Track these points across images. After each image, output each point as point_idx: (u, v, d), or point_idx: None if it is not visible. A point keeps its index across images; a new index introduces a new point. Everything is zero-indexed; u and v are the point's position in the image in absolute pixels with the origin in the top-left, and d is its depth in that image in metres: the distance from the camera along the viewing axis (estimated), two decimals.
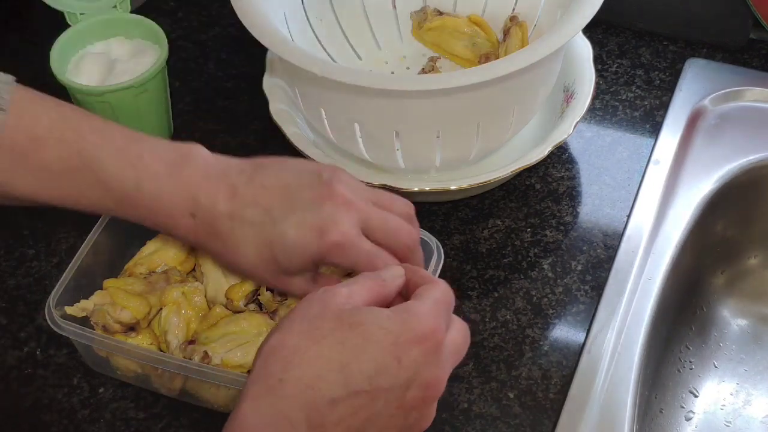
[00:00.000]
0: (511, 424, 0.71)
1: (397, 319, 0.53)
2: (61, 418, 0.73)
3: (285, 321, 0.53)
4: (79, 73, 0.86)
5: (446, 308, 0.55)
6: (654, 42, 0.99)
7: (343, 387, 0.50)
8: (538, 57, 0.72)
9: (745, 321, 0.93)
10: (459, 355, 0.56)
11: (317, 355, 0.51)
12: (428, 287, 0.56)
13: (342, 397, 0.50)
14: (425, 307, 0.54)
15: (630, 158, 0.88)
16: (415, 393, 0.52)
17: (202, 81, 0.99)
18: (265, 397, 0.50)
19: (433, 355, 0.53)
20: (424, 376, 0.52)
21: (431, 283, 0.57)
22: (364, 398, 0.51)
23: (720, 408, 0.87)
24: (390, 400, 0.52)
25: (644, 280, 0.79)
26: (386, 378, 0.51)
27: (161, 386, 0.73)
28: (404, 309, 0.54)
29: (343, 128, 0.79)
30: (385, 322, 0.52)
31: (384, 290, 0.56)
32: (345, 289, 0.54)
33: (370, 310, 0.53)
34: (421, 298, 0.55)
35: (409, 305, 0.54)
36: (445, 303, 0.56)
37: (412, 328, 0.52)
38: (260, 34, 0.75)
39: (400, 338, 0.52)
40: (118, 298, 0.72)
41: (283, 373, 0.50)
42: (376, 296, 0.55)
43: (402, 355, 0.51)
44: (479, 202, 0.86)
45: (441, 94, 0.73)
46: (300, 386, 0.50)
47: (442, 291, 0.56)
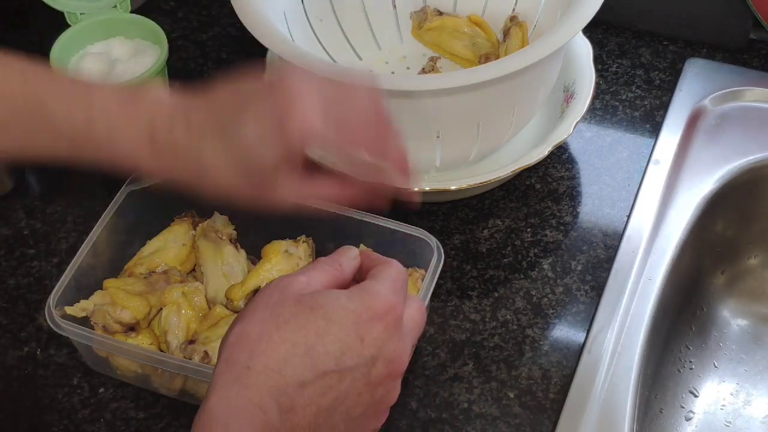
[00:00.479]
0: (511, 424, 0.71)
1: (357, 298, 0.53)
2: (61, 418, 0.73)
3: (246, 311, 0.54)
4: (79, 73, 0.86)
5: (402, 285, 0.56)
6: (654, 42, 0.99)
7: (311, 369, 0.51)
8: (538, 57, 0.72)
9: (745, 321, 0.93)
10: (418, 329, 0.57)
11: (281, 340, 0.51)
12: (382, 267, 0.57)
13: (310, 379, 0.51)
14: (382, 286, 0.55)
15: (630, 158, 0.88)
16: (380, 369, 0.53)
17: (202, 81, 0.98)
18: (232, 387, 0.51)
19: (394, 331, 0.54)
20: (388, 352, 0.53)
21: (385, 263, 0.57)
22: (331, 378, 0.51)
23: (720, 408, 0.87)
24: (357, 377, 0.52)
25: (644, 280, 0.79)
26: (351, 357, 0.52)
27: (161, 386, 0.73)
28: (362, 289, 0.54)
29: None
30: (345, 302, 0.53)
31: (341, 274, 0.57)
32: (303, 276, 0.55)
33: (329, 292, 0.54)
34: (377, 278, 0.56)
35: (366, 285, 0.55)
36: (401, 281, 0.56)
37: (371, 306, 0.53)
38: (260, 35, 0.75)
39: (361, 317, 0.52)
40: (118, 298, 0.72)
41: (249, 361, 0.51)
42: (334, 280, 0.56)
43: (364, 333, 0.52)
44: (479, 202, 0.86)
45: (441, 94, 0.73)
46: (267, 372, 0.51)
47: (397, 270, 0.57)
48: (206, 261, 0.77)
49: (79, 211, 0.87)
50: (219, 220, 0.79)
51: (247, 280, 0.75)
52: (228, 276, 0.76)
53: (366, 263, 0.58)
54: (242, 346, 0.52)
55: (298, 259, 0.76)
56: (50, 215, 0.87)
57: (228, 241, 0.77)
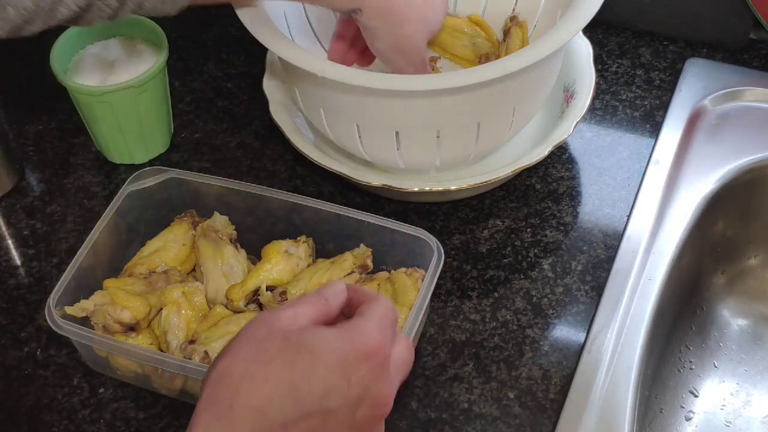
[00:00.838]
0: (511, 424, 0.71)
1: (344, 337, 0.52)
2: (61, 418, 0.73)
3: (231, 345, 0.52)
4: (79, 73, 0.86)
5: (390, 324, 0.55)
6: (654, 42, 0.99)
7: (294, 409, 0.50)
8: (538, 57, 0.72)
9: (745, 321, 0.93)
10: (405, 369, 0.55)
11: (266, 378, 0.50)
12: (371, 304, 0.55)
13: (293, 420, 0.50)
14: (370, 324, 0.53)
15: (630, 158, 0.88)
16: (364, 411, 0.52)
17: (202, 81, 0.99)
18: (215, 425, 0.50)
19: (380, 372, 0.52)
20: (373, 394, 0.52)
21: (373, 300, 0.56)
22: (315, 419, 0.50)
23: (720, 408, 0.87)
24: (340, 420, 0.51)
25: (644, 280, 0.79)
26: (336, 398, 0.51)
27: (161, 386, 0.73)
28: (350, 327, 0.53)
29: (343, 128, 0.79)
30: (332, 340, 0.52)
31: (327, 309, 0.55)
32: (290, 310, 0.54)
33: (317, 329, 0.53)
34: (366, 316, 0.54)
35: (354, 323, 0.53)
36: (389, 319, 0.55)
37: (358, 345, 0.52)
38: (260, 35, 0.75)
39: (347, 357, 0.51)
40: (118, 298, 0.72)
41: (232, 400, 0.50)
42: (321, 315, 0.55)
43: (351, 374, 0.51)
44: (479, 202, 0.86)
45: (441, 94, 0.73)
46: (251, 412, 0.50)
47: (386, 307, 0.55)
48: (206, 261, 0.77)
49: (79, 211, 0.87)
50: (219, 220, 0.79)
51: (247, 280, 0.75)
52: (228, 276, 0.76)
53: (354, 298, 0.57)
54: (225, 383, 0.51)
55: (298, 259, 0.76)
56: (50, 215, 0.87)
57: (228, 241, 0.77)
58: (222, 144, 0.92)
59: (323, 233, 0.77)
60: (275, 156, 0.91)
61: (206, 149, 0.92)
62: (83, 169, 0.91)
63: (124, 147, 0.89)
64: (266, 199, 0.77)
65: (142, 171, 0.79)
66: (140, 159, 0.90)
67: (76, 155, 0.92)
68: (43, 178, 0.90)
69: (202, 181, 0.79)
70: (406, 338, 0.56)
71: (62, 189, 0.89)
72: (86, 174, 0.91)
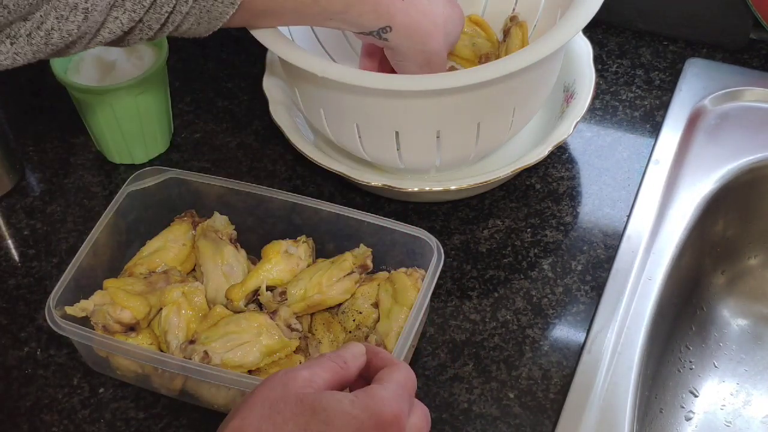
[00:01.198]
0: (511, 424, 0.71)
1: (360, 404, 0.51)
2: (61, 418, 0.73)
3: (245, 403, 0.52)
4: (79, 73, 0.86)
5: (409, 392, 0.54)
6: (654, 42, 0.99)
7: None
8: (538, 57, 0.72)
9: (745, 321, 0.93)
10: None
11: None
12: (390, 370, 0.55)
13: None
14: (388, 392, 0.53)
15: (630, 158, 0.88)
16: None
17: (202, 81, 0.99)
18: None
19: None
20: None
21: (393, 365, 0.55)
22: None
23: (720, 408, 0.87)
24: None
25: (644, 280, 0.79)
26: None
27: (161, 386, 0.73)
28: (367, 393, 0.52)
29: (343, 128, 0.79)
30: (348, 408, 0.51)
31: (345, 372, 0.55)
32: (306, 371, 0.53)
33: (332, 394, 0.52)
34: (384, 382, 0.54)
35: (372, 390, 0.53)
36: (408, 387, 0.54)
37: (375, 414, 0.51)
38: (260, 35, 0.75)
39: (363, 425, 0.51)
40: (118, 298, 0.72)
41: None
42: (338, 378, 0.54)
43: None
44: (479, 202, 0.86)
45: (441, 94, 0.73)
46: None
47: (405, 374, 0.55)
48: (206, 261, 0.77)
49: (79, 211, 0.87)
50: (219, 220, 0.79)
51: (247, 280, 0.75)
52: (228, 276, 0.76)
53: (374, 361, 0.56)
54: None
55: (298, 259, 0.76)
56: (50, 215, 0.87)
57: (228, 241, 0.77)
58: (222, 144, 0.92)
59: (323, 233, 0.77)
60: (275, 156, 0.91)
61: (206, 149, 0.92)
62: (83, 169, 0.91)
63: (124, 147, 0.89)
64: (266, 199, 0.77)
65: (142, 171, 0.79)
66: (140, 159, 0.90)
67: (76, 155, 0.92)
68: (43, 178, 0.90)
69: (202, 181, 0.79)
70: (422, 407, 0.55)
71: (62, 189, 0.89)
72: (86, 174, 0.91)
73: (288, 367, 0.55)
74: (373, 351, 0.57)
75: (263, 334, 0.70)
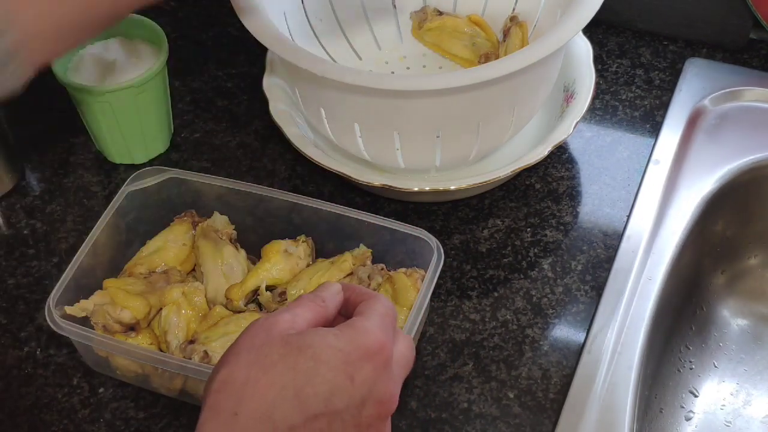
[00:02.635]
0: (511, 424, 0.71)
1: (345, 337, 0.52)
2: (61, 418, 0.73)
3: (230, 353, 0.52)
4: (79, 73, 0.86)
5: (391, 321, 0.55)
6: (654, 42, 0.99)
7: (300, 413, 0.50)
8: (538, 57, 0.72)
9: (745, 321, 0.93)
10: (407, 367, 0.55)
11: (269, 383, 0.50)
12: (370, 302, 0.55)
13: (300, 423, 0.50)
14: (371, 322, 0.53)
15: (630, 158, 0.88)
16: (370, 410, 0.52)
17: (202, 81, 0.99)
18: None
19: (384, 370, 0.52)
20: (378, 392, 0.52)
21: (371, 298, 0.56)
22: (321, 421, 0.50)
23: (720, 408, 0.87)
24: (346, 419, 0.51)
25: (644, 280, 0.79)
26: (341, 398, 0.50)
27: (161, 386, 0.73)
28: (350, 326, 0.53)
29: (344, 128, 0.79)
30: (333, 342, 0.51)
31: (325, 310, 0.55)
32: (287, 314, 0.53)
33: (316, 331, 0.52)
34: (365, 314, 0.54)
35: (354, 322, 0.53)
36: (389, 316, 0.55)
37: (360, 344, 0.52)
38: (261, 34, 0.75)
39: (350, 356, 0.51)
40: (118, 298, 0.72)
41: (237, 407, 0.49)
42: (319, 317, 0.54)
43: (354, 373, 0.51)
44: (479, 202, 0.86)
45: (442, 94, 0.73)
46: (256, 418, 0.49)
47: (384, 305, 0.55)
48: (206, 261, 0.77)
49: (79, 211, 0.87)
50: (219, 220, 0.79)
51: (247, 280, 0.75)
52: (228, 276, 0.76)
53: (352, 298, 0.57)
54: (228, 392, 0.50)
55: (298, 259, 0.76)
56: (50, 215, 0.87)
57: (228, 241, 0.77)
58: (222, 144, 0.92)
59: (323, 233, 0.77)
60: (275, 156, 0.91)
61: (206, 149, 0.92)
62: (83, 169, 0.91)
63: (124, 147, 0.89)
64: (266, 198, 0.77)
65: (142, 171, 0.79)
66: (140, 159, 0.90)
67: (76, 155, 0.92)
68: (43, 178, 0.90)
69: (202, 181, 0.79)
70: (407, 336, 0.56)
71: (62, 189, 0.89)
72: (86, 174, 0.91)
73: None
74: (349, 288, 0.57)
75: None
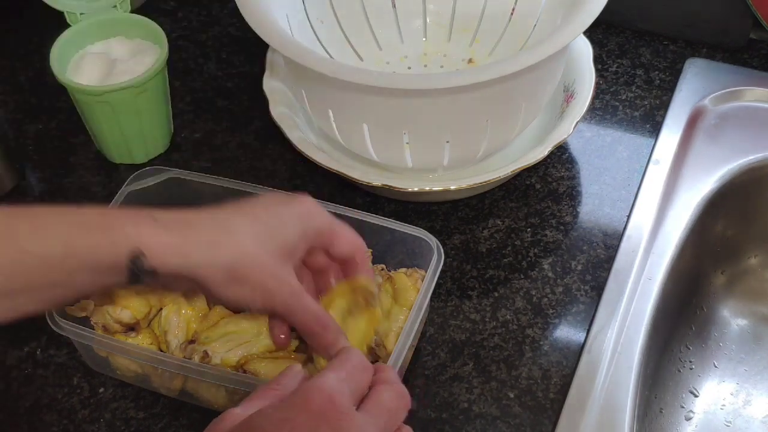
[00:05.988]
0: (511, 424, 0.71)
1: (289, 404, 0.51)
2: (61, 418, 0.73)
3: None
4: (79, 73, 0.86)
5: (357, 372, 0.54)
6: (654, 42, 0.99)
7: None
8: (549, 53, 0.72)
9: (745, 321, 0.93)
10: (392, 414, 0.53)
11: None
12: (338, 355, 0.55)
13: None
14: (322, 378, 0.52)
15: (630, 158, 0.88)
16: None
17: (202, 81, 0.99)
18: None
19: (340, 422, 0.50)
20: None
21: (341, 352, 0.56)
22: None
23: (720, 408, 0.87)
24: None
25: (644, 280, 0.79)
26: None
27: (161, 386, 0.73)
28: (297, 390, 0.52)
29: (352, 129, 0.79)
30: (276, 414, 0.50)
31: (282, 393, 0.53)
32: (237, 408, 0.52)
33: (259, 412, 0.51)
34: (323, 370, 0.53)
35: (303, 383, 0.53)
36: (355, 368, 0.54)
37: (305, 407, 0.50)
38: (268, 36, 0.75)
39: (296, 422, 0.49)
40: (118, 298, 0.72)
41: None
42: (275, 401, 0.53)
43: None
44: (479, 202, 0.86)
45: (454, 92, 0.73)
46: None
47: (350, 358, 0.55)
48: None
49: None
50: None
51: None
52: None
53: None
54: None
55: None
56: None
57: None
58: (222, 144, 0.92)
59: None
60: (275, 156, 0.91)
61: (206, 149, 0.92)
62: (83, 169, 0.91)
63: (124, 147, 0.89)
64: None
65: (142, 171, 0.79)
66: (140, 159, 0.90)
67: (76, 155, 0.92)
68: (43, 178, 0.90)
69: (202, 181, 0.79)
70: (391, 385, 0.54)
71: (62, 189, 0.89)
72: (86, 174, 0.91)
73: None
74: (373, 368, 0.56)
75: (263, 334, 0.70)
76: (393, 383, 0.55)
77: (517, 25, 0.92)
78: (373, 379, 0.55)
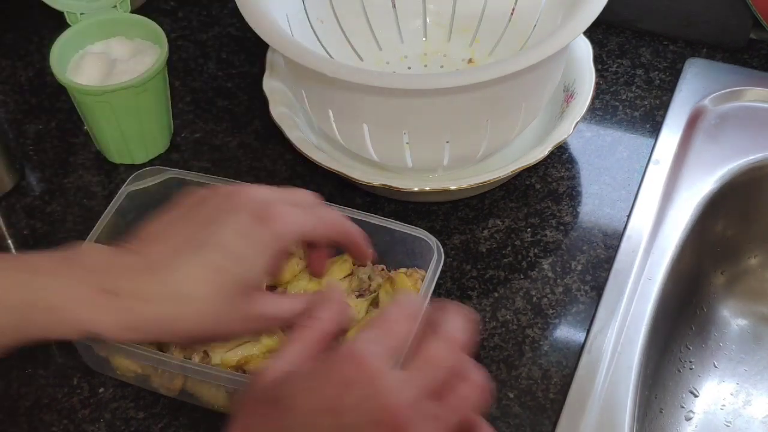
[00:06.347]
0: (511, 424, 0.71)
1: (319, 373, 0.50)
2: (61, 418, 0.73)
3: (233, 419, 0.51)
4: (79, 73, 0.86)
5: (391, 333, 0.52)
6: (654, 42, 0.99)
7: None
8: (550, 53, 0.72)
9: (745, 321, 0.93)
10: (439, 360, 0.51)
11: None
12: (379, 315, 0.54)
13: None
14: (355, 344, 0.50)
15: (630, 158, 0.88)
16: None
17: (202, 81, 0.99)
18: None
19: (372, 387, 0.48)
20: (371, 413, 0.47)
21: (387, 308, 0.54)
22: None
23: (720, 408, 0.87)
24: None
25: (644, 280, 0.79)
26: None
27: (161, 386, 0.73)
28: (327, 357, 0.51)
29: (352, 129, 0.79)
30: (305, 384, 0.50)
31: (321, 329, 0.54)
32: (270, 362, 0.52)
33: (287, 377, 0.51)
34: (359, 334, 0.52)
35: (335, 350, 0.51)
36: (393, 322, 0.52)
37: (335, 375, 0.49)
38: (268, 36, 0.75)
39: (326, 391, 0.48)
40: None
41: None
42: (312, 343, 0.53)
43: (337, 407, 0.48)
44: (479, 202, 0.86)
45: (455, 92, 0.73)
46: None
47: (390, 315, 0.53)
48: None
49: (79, 212, 0.87)
50: None
51: None
52: None
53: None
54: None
55: (298, 259, 0.76)
56: (50, 215, 0.87)
57: None
58: (222, 144, 0.92)
59: None
60: (275, 156, 0.91)
61: (206, 149, 0.92)
62: (83, 169, 0.91)
63: (124, 147, 0.89)
64: None
65: (142, 171, 0.79)
66: (140, 159, 0.90)
67: (76, 155, 0.92)
68: (43, 178, 0.90)
69: (202, 181, 0.79)
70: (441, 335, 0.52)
71: (62, 189, 0.89)
72: (86, 174, 0.91)
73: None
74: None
75: (263, 334, 0.70)
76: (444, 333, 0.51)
77: (517, 25, 0.92)
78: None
